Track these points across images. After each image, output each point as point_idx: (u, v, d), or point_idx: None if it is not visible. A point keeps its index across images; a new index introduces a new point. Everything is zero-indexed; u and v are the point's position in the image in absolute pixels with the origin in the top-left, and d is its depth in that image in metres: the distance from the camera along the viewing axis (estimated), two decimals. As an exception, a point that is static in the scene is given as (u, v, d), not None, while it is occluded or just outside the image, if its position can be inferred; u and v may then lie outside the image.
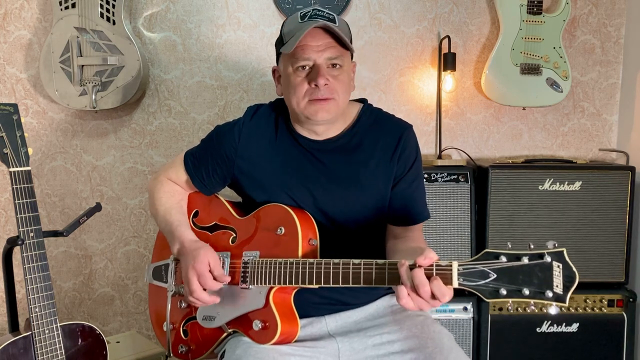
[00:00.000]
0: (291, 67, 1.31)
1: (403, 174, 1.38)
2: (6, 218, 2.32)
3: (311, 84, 1.29)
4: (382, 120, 1.42)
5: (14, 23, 2.23)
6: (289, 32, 1.31)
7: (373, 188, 1.37)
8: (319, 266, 1.19)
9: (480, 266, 1.02)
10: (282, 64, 1.36)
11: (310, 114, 1.31)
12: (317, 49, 1.28)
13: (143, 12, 2.23)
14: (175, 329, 1.46)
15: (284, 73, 1.35)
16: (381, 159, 1.37)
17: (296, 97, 1.31)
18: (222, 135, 1.43)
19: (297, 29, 1.29)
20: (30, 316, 1.34)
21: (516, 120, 2.35)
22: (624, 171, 2.04)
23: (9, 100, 2.26)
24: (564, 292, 0.98)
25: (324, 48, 1.28)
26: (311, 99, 1.29)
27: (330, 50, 1.29)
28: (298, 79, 1.30)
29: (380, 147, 1.37)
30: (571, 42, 2.32)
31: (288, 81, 1.33)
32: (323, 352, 1.31)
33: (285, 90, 1.36)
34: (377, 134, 1.39)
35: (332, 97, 1.30)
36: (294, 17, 1.33)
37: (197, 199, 1.51)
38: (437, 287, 1.04)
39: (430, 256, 1.05)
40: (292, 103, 1.33)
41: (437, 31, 2.29)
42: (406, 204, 1.39)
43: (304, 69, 1.30)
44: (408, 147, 1.39)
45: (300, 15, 1.31)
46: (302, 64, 1.29)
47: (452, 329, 2.01)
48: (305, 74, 1.30)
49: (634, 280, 2.16)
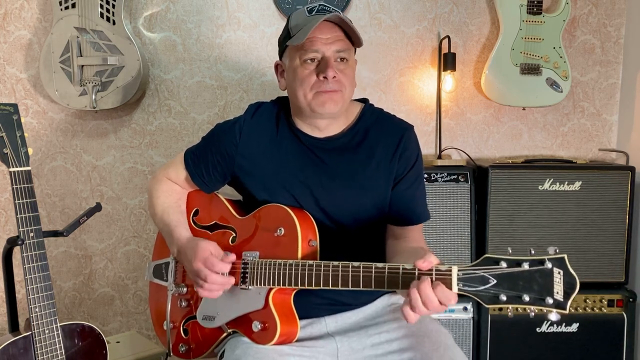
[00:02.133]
0: (299, 59, 1.31)
1: (403, 174, 1.38)
2: (6, 218, 2.32)
3: (319, 76, 1.29)
4: (384, 120, 1.42)
5: (14, 23, 2.23)
6: (297, 26, 1.31)
7: (373, 187, 1.37)
8: (318, 269, 1.19)
9: (480, 271, 1.01)
10: (288, 57, 1.35)
11: (317, 106, 1.31)
12: (327, 41, 1.28)
13: (143, 12, 2.23)
14: (175, 327, 1.46)
15: (290, 66, 1.34)
16: (382, 158, 1.37)
17: (303, 89, 1.31)
18: (223, 132, 1.43)
19: (305, 22, 1.30)
20: (30, 316, 1.34)
21: (516, 120, 2.35)
22: (624, 171, 2.04)
23: (9, 100, 2.26)
24: (565, 299, 0.97)
25: (333, 41, 1.29)
26: (319, 90, 1.30)
27: (339, 43, 1.29)
28: (306, 72, 1.30)
29: (381, 146, 1.37)
30: (571, 42, 2.32)
31: (295, 74, 1.32)
32: (322, 351, 1.31)
33: (290, 83, 1.35)
34: (379, 134, 1.39)
35: (339, 90, 1.31)
36: (300, 12, 1.34)
37: (198, 197, 1.51)
38: (442, 292, 1.03)
39: (430, 260, 1.05)
40: (298, 96, 1.33)
41: (437, 31, 2.29)
42: (406, 205, 1.39)
43: (312, 62, 1.30)
44: (409, 147, 1.39)
45: (308, 10, 1.32)
46: (310, 57, 1.29)
47: (452, 329, 2.01)
48: (313, 66, 1.30)
49: (634, 280, 2.16)
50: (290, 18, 1.36)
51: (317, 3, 1.33)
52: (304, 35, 1.26)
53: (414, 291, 1.04)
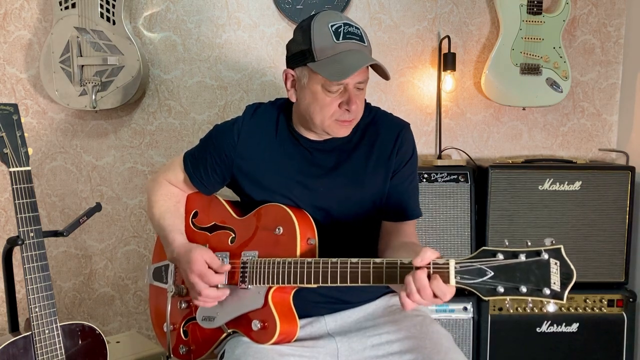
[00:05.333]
0: (321, 86, 1.26)
1: (398, 169, 1.40)
2: (6, 218, 2.32)
3: (342, 106, 1.28)
4: (381, 118, 1.43)
5: (14, 23, 2.23)
6: (323, 50, 1.24)
7: (372, 186, 1.38)
8: (317, 266, 1.20)
9: (477, 264, 1.02)
10: (307, 76, 1.28)
11: (332, 131, 1.32)
12: (352, 75, 1.24)
13: (143, 12, 2.23)
14: (175, 329, 1.46)
15: (309, 87, 1.29)
16: (379, 156, 1.38)
17: (322, 115, 1.29)
18: (221, 134, 1.43)
19: (334, 49, 1.23)
20: (30, 316, 1.34)
21: (516, 120, 2.35)
22: (624, 171, 2.04)
23: (9, 100, 2.26)
24: (562, 289, 0.98)
25: (358, 73, 1.25)
26: (339, 119, 1.30)
27: (361, 76, 1.27)
28: (327, 99, 1.27)
29: (378, 145, 1.38)
30: (571, 42, 2.32)
31: (314, 98, 1.28)
32: (322, 352, 1.31)
33: (306, 104, 1.31)
34: (376, 132, 1.40)
35: (356, 117, 1.32)
36: (325, 33, 1.25)
37: (196, 199, 1.51)
38: (437, 286, 1.04)
39: (426, 257, 1.06)
40: (314, 118, 1.30)
41: (437, 31, 2.29)
42: (399, 199, 1.40)
43: (336, 92, 1.27)
44: (405, 144, 1.40)
45: (334, 32, 1.24)
46: (336, 89, 1.27)
47: (452, 329, 2.01)
48: (336, 95, 1.27)
49: (634, 280, 2.16)
50: (313, 35, 1.25)
51: (341, 21, 1.26)
52: (340, 76, 1.22)
53: (409, 278, 1.07)
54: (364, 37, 1.28)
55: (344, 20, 1.27)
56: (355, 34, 1.26)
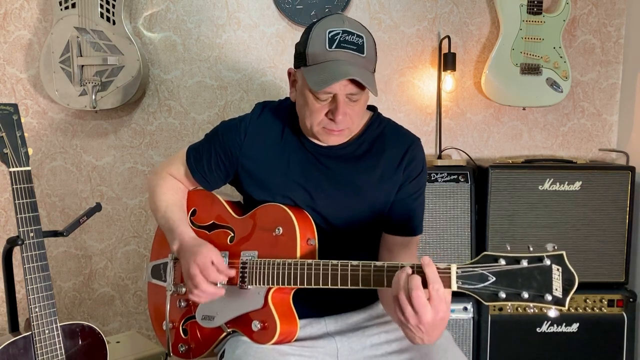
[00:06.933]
0: (309, 90, 1.23)
1: (405, 183, 1.36)
2: (6, 218, 2.32)
3: (328, 115, 1.25)
4: (391, 131, 1.40)
5: (14, 23, 2.23)
6: (314, 56, 1.22)
7: (374, 198, 1.36)
8: (317, 267, 1.19)
9: (479, 269, 1.01)
10: (302, 81, 1.26)
11: (321, 137, 1.30)
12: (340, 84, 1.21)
13: (143, 12, 2.24)
14: (174, 327, 1.46)
15: (301, 90, 1.28)
16: (386, 169, 1.35)
17: (311, 120, 1.27)
18: (228, 130, 1.41)
19: (324, 56, 1.21)
20: (30, 316, 1.34)
21: (516, 120, 2.35)
22: (624, 171, 2.04)
23: (9, 100, 2.26)
24: (564, 296, 0.97)
25: (347, 84, 1.21)
26: (327, 127, 1.27)
27: (351, 87, 1.22)
28: (316, 106, 1.25)
29: (386, 157, 1.36)
30: (571, 42, 2.32)
31: (304, 100, 1.27)
32: (322, 351, 1.31)
33: (301, 106, 1.30)
34: (385, 145, 1.37)
35: (346, 128, 1.28)
36: (320, 39, 1.22)
37: (195, 197, 1.51)
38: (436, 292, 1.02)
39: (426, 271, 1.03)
40: (304, 121, 1.29)
41: (437, 31, 2.29)
42: (402, 213, 1.37)
43: (324, 100, 1.25)
44: (415, 159, 1.36)
45: (329, 39, 1.21)
46: (322, 98, 1.24)
47: (452, 329, 2.01)
48: (324, 102, 1.24)
49: (634, 280, 2.16)
50: (310, 39, 1.23)
51: (340, 29, 1.21)
52: (321, 85, 1.19)
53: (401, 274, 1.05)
54: (364, 48, 1.22)
55: (345, 28, 1.22)
56: (353, 43, 1.22)
